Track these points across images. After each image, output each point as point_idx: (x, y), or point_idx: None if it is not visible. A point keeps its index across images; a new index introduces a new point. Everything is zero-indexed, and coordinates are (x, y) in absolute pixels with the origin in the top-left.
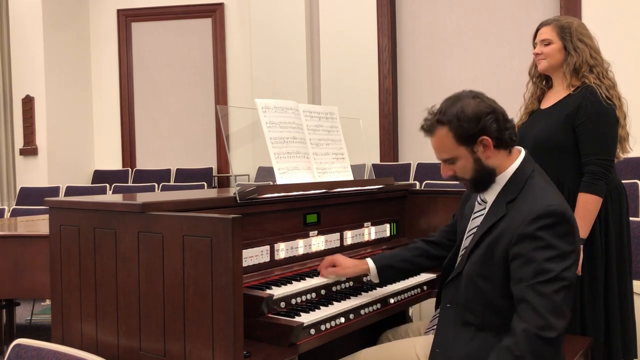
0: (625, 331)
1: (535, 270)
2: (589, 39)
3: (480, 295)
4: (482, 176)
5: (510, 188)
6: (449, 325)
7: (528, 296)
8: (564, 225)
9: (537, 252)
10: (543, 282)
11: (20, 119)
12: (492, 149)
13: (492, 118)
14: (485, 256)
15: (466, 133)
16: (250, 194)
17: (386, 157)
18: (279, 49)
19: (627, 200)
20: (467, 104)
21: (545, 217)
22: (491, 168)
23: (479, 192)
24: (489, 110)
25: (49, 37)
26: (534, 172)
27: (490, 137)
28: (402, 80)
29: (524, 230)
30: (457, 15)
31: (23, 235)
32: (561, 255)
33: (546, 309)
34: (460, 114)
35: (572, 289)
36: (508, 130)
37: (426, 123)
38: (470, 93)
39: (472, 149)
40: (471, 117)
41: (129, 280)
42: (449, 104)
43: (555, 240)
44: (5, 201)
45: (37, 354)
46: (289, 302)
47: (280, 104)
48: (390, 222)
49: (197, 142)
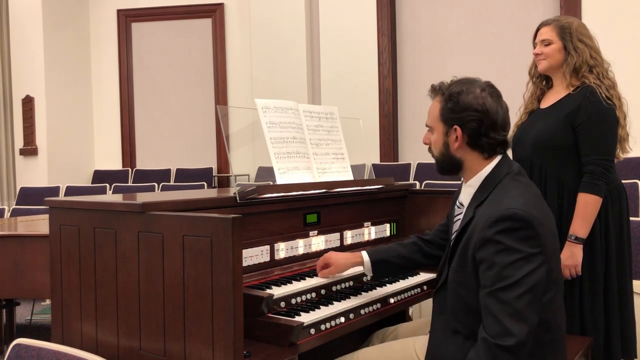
0: (624, 331)
1: (496, 276)
2: (589, 39)
3: (461, 303)
4: (445, 160)
5: (481, 191)
6: (440, 335)
7: (489, 303)
8: (525, 229)
9: (498, 256)
10: (503, 289)
11: (20, 119)
12: (463, 144)
13: (477, 118)
14: (459, 263)
15: (447, 114)
16: (250, 194)
17: (386, 157)
18: (279, 49)
19: (627, 200)
20: (470, 91)
21: (504, 221)
22: (457, 158)
23: (441, 173)
24: (479, 109)
25: (49, 37)
26: (507, 175)
27: (462, 132)
28: (402, 80)
29: (484, 234)
30: (457, 15)
31: (23, 235)
32: (524, 259)
33: (505, 316)
34: (455, 95)
35: (537, 293)
36: (490, 138)
37: (434, 87)
38: (485, 85)
39: (447, 131)
40: (459, 104)
41: (129, 280)
42: (460, 82)
43: (516, 243)
44: (5, 201)
45: (37, 353)
46: (289, 301)
47: (280, 104)
48: (390, 222)
49: (197, 142)
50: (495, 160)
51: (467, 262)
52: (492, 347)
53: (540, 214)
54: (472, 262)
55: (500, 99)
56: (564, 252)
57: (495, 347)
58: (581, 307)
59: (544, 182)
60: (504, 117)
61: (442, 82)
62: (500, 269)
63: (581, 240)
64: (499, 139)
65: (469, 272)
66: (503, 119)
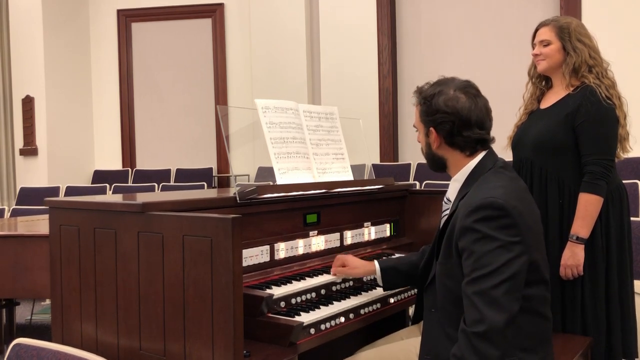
0: (625, 331)
1: (474, 264)
2: (587, 39)
3: (450, 295)
4: (430, 158)
5: (466, 186)
6: (434, 330)
7: (468, 292)
8: (503, 217)
9: (476, 245)
10: (481, 277)
11: (20, 119)
12: (441, 144)
13: (448, 120)
14: (444, 255)
15: (423, 116)
16: (250, 194)
17: (386, 157)
18: (279, 49)
19: (628, 200)
20: (443, 93)
21: (482, 209)
22: (439, 156)
23: (431, 169)
24: (449, 111)
25: (49, 37)
26: (491, 169)
27: (437, 133)
28: (402, 80)
29: (463, 222)
30: (457, 15)
31: (23, 235)
32: (502, 247)
33: (482, 304)
34: (429, 99)
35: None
36: (464, 137)
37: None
38: (461, 85)
39: (426, 132)
40: (432, 106)
41: (129, 280)
42: (435, 84)
43: (494, 232)
44: (5, 201)
45: (37, 353)
46: (289, 301)
47: (280, 104)
48: (390, 222)
49: (197, 142)
50: (479, 157)
51: (452, 253)
52: (470, 336)
53: (521, 204)
54: (456, 252)
55: (477, 97)
56: (566, 252)
57: (472, 336)
58: (583, 306)
59: (545, 183)
60: (479, 116)
61: (422, 85)
62: (478, 257)
63: (583, 240)
64: (474, 137)
65: (453, 262)
66: (478, 117)
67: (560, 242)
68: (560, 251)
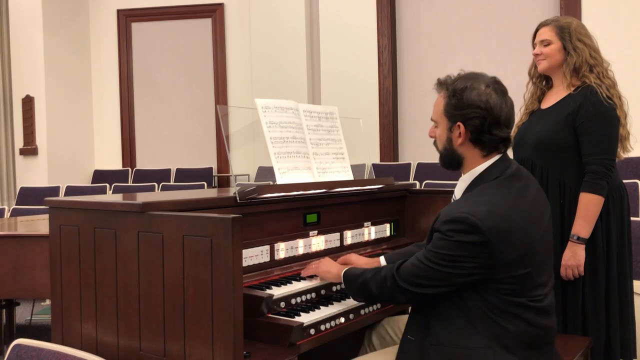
0: (624, 331)
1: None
2: (588, 39)
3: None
4: (448, 155)
5: (469, 189)
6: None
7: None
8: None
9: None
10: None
11: (20, 119)
12: (466, 140)
13: (480, 115)
14: None
15: (451, 110)
16: (250, 194)
17: (386, 157)
18: (279, 49)
19: (629, 200)
20: (474, 87)
21: (457, 222)
22: (459, 154)
23: (444, 167)
24: (483, 106)
25: (49, 37)
26: (497, 178)
27: (465, 129)
28: (402, 80)
29: (438, 226)
30: (457, 15)
31: (23, 235)
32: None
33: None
34: (459, 92)
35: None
36: (493, 135)
37: (440, 81)
38: (490, 81)
39: (450, 127)
40: (463, 100)
41: (129, 280)
42: (465, 77)
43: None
44: (5, 201)
45: (37, 354)
46: (289, 302)
47: (280, 103)
48: (390, 222)
49: (197, 142)
50: (492, 160)
51: None
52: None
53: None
54: None
55: (506, 95)
56: (566, 252)
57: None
58: (583, 307)
59: (546, 183)
60: (507, 114)
61: (448, 77)
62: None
63: (583, 240)
64: (501, 136)
65: None
66: (507, 116)
67: (561, 242)
68: (560, 251)
